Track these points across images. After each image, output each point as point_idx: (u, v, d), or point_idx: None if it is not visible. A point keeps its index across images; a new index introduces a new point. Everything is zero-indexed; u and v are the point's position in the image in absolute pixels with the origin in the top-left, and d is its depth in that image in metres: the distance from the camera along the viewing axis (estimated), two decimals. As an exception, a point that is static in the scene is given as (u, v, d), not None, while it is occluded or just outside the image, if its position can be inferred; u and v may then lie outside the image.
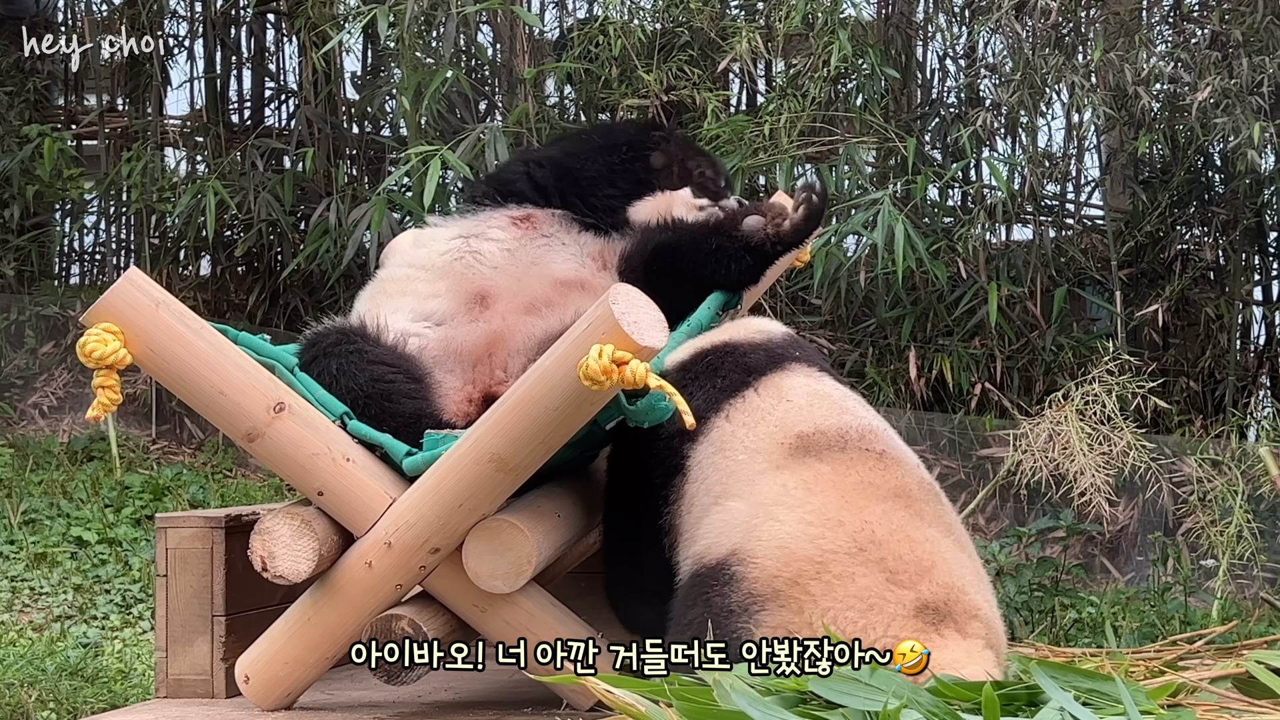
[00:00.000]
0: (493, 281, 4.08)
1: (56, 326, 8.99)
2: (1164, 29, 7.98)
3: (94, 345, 3.61)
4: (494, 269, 4.10)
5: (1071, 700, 2.90)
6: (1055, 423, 6.35)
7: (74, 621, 6.83)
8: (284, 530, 3.68)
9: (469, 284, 4.08)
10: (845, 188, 7.67)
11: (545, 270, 4.11)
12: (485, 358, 4.01)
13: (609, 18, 7.89)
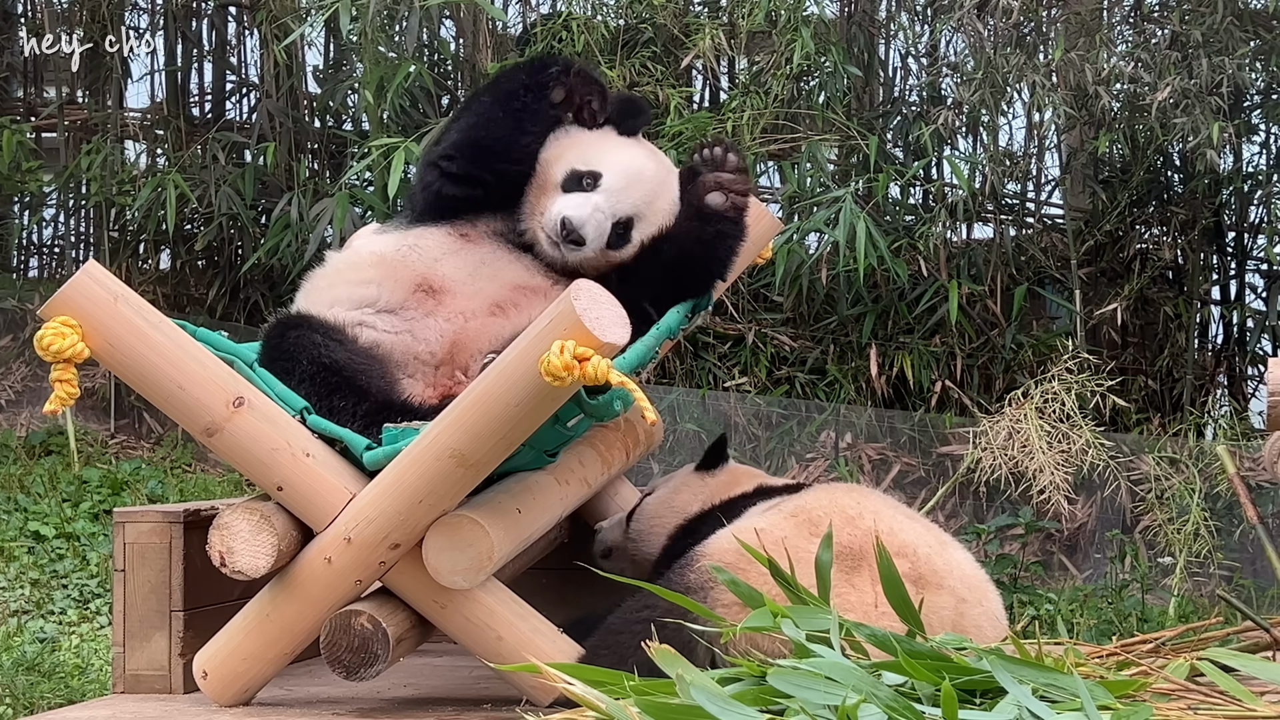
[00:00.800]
0: (437, 271, 4.03)
1: (14, 320, 8.94)
2: (1124, 29, 8.03)
3: (52, 339, 3.58)
4: (435, 260, 4.06)
5: (1029, 694, 2.91)
6: (1015, 421, 6.39)
7: (31, 616, 6.79)
8: (243, 525, 3.66)
9: (409, 270, 4.03)
10: (807, 185, 7.69)
11: (499, 271, 4.09)
12: (448, 359, 4.00)
13: (572, 13, 7.89)
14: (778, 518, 3.79)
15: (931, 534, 3.83)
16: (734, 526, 3.81)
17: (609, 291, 3.50)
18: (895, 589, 3.31)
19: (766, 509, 3.91)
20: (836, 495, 3.87)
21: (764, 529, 3.71)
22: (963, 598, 3.68)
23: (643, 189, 4.06)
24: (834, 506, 3.78)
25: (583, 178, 4.02)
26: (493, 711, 3.79)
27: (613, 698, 2.90)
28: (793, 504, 3.85)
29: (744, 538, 3.65)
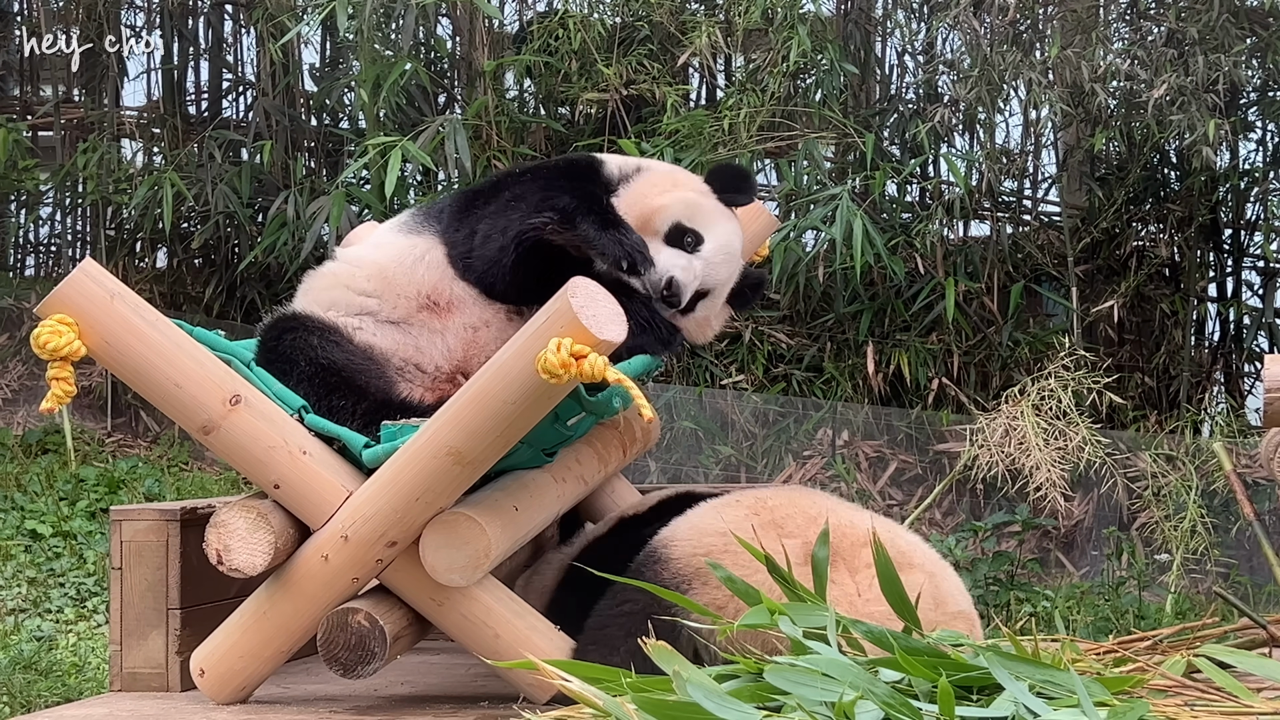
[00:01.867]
0: (446, 287, 4.01)
1: (11, 318, 8.94)
2: (1121, 27, 8.03)
3: (48, 337, 3.58)
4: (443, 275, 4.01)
5: (1026, 690, 2.92)
6: (1011, 418, 6.39)
7: (28, 615, 6.79)
8: (240, 523, 3.67)
9: (414, 286, 4.00)
10: (804, 183, 7.69)
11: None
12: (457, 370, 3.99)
13: (569, 11, 7.89)
14: (739, 514, 3.81)
15: (884, 522, 3.92)
16: (695, 523, 3.84)
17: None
18: (892, 586, 3.31)
19: (718, 506, 3.91)
20: (794, 496, 3.93)
21: (729, 524, 3.74)
22: (932, 572, 3.77)
23: (730, 268, 4.07)
24: (794, 507, 3.83)
25: (686, 234, 3.97)
26: (490, 709, 3.79)
27: (610, 694, 2.90)
28: (751, 500, 3.88)
29: (711, 540, 3.71)
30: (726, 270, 4.04)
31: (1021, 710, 2.87)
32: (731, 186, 4.12)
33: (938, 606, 3.63)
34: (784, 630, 3.17)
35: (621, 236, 3.83)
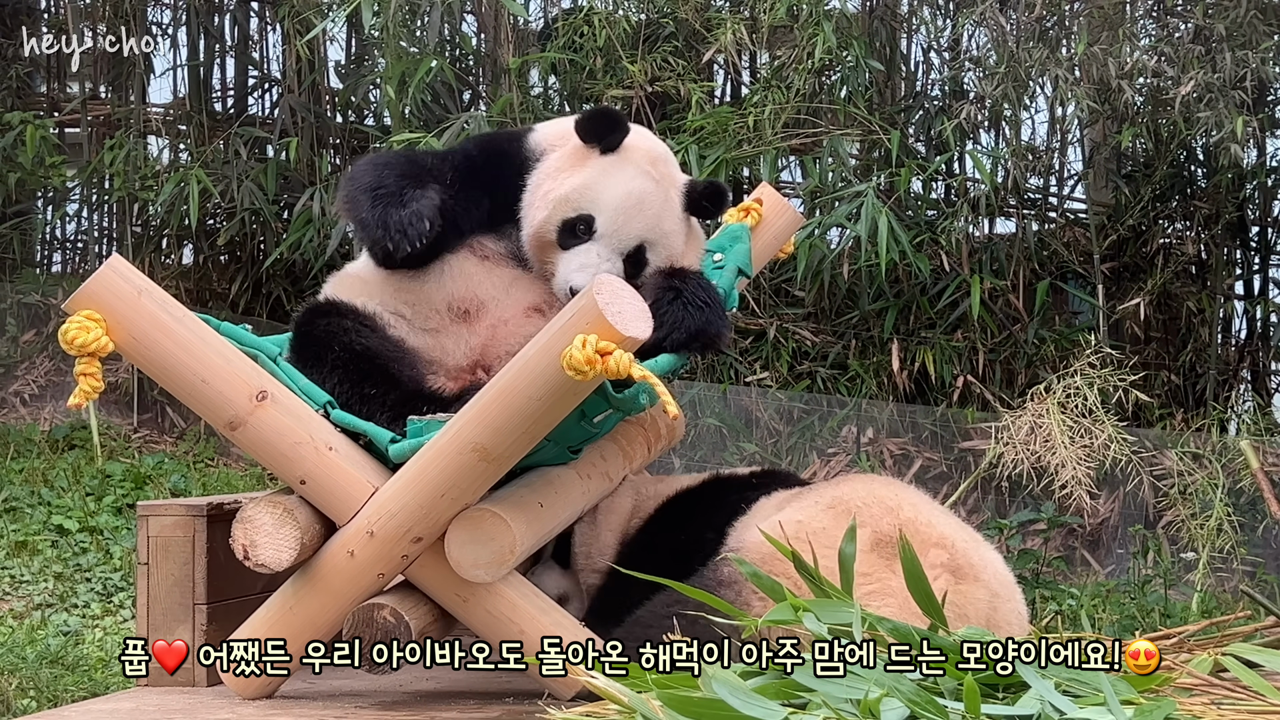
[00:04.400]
0: (469, 293, 4.03)
1: (38, 314, 8.97)
2: (1148, 23, 7.99)
3: (76, 333, 3.60)
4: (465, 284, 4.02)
5: (1052, 689, 2.91)
6: (1037, 416, 6.37)
7: (55, 610, 6.82)
8: (266, 519, 3.68)
9: (440, 293, 4.02)
10: (829, 180, 7.68)
11: (532, 284, 4.07)
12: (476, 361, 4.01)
13: (594, 8, 7.88)
14: (815, 509, 3.82)
15: (966, 531, 3.90)
16: (769, 520, 3.85)
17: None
18: (918, 582, 3.30)
19: (793, 498, 3.93)
20: (874, 486, 3.93)
21: (802, 520, 3.74)
22: (996, 592, 3.74)
23: (643, 215, 3.98)
24: (872, 497, 3.85)
25: (576, 228, 3.94)
26: (514, 705, 3.80)
27: (635, 691, 2.90)
28: (830, 494, 3.90)
29: (786, 529, 3.70)
30: (640, 219, 3.96)
31: (1047, 708, 2.87)
32: (601, 131, 3.99)
33: (990, 629, 3.60)
34: (808, 627, 3.17)
35: (388, 214, 3.79)
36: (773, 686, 2.95)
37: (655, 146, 4.12)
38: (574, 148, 4.00)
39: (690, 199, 4.07)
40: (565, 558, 4.42)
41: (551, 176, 3.98)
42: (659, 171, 4.05)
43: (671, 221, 4.03)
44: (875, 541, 3.64)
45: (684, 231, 4.08)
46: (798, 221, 4.87)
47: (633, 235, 3.95)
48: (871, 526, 3.71)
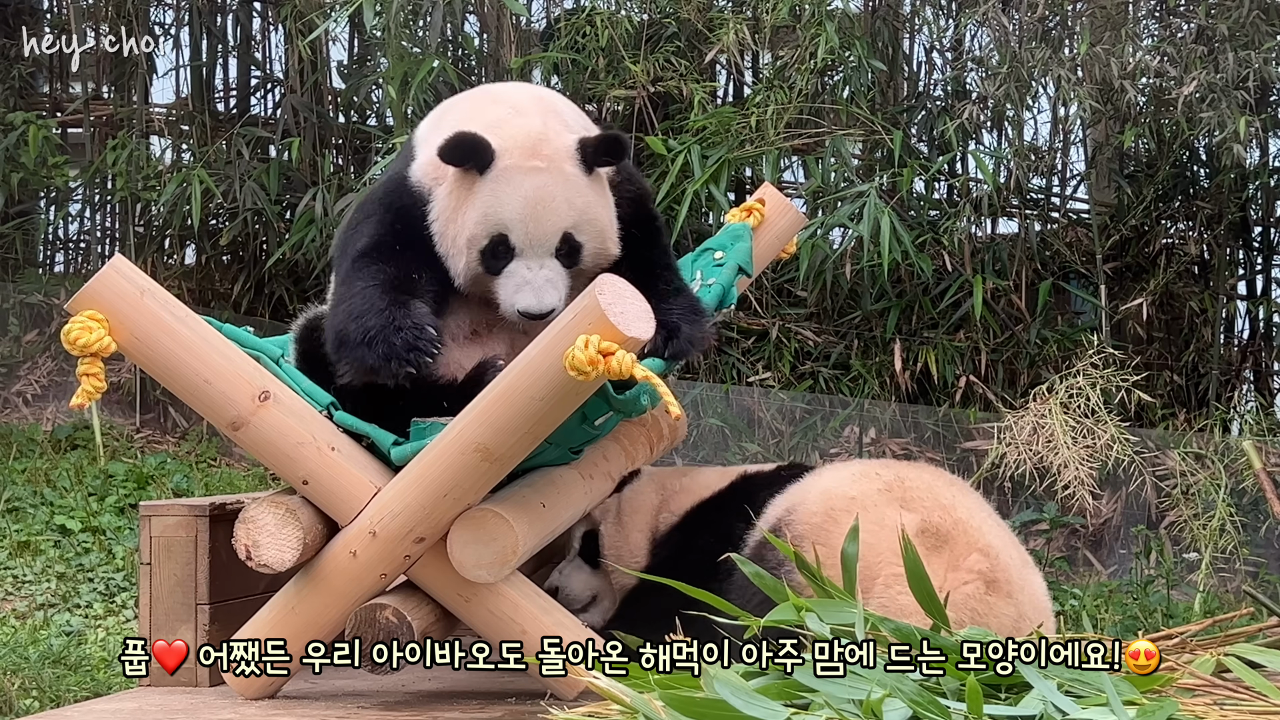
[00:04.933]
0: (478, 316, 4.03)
1: (40, 314, 8.97)
2: (1150, 23, 7.99)
3: (79, 333, 3.60)
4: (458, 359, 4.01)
5: (1054, 689, 2.91)
6: (1039, 416, 6.36)
7: (57, 610, 6.82)
8: (268, 519, 3.68)
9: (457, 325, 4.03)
10: (831, 180, 7.67)
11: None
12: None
13: (596, 8, 7.88)
14: (870, 486, 3.84)
15: (1017, 550, 3.89)
16: (828, 486, 3.89)
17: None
18: (921, 584, 3.30)
19: (856, 475, 3.94)
20: (937, 481, 3.94)
21: (855, 497, 3.77)
22: (1024, 614, 3.71)
23: (551, 215, 3.87)
24: (930, 489, 3.87)
25: (495, 256, 3.86)
26: (517, 705, 3.80)
27: (637, 692, 2.90)
28: (891, 474, 3.92)
29: (835, 502, 3.75)
30: (550, 215, 3.87)
31: (1050, 709, 2.86)
32: (467, 159, 3.86)
33: None
34: (811, 627, 3.17)
35: (391, 349, 3.69)
36: (775, 687, 2.95)
37: (527, 130, 3.93)
38: (455, 176, 3.90)
39: (587, 161, 3.92)
40: (593, 557, 4.41)
41: (451, 220, 3.89)
42: (544, 156, 3.91)
43: (580, 195, 3.92)
44: (922, 529, 3.66)
45: (597, 192, 3.96)
46: (800, 222, 4.87)
47: (551, 233, 3.87)
48: (923, 515, 3.73)
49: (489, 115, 3.95)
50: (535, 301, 3.81)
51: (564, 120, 4.02)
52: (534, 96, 4.10)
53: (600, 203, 3.94)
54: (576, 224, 3.90)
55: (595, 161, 3.93)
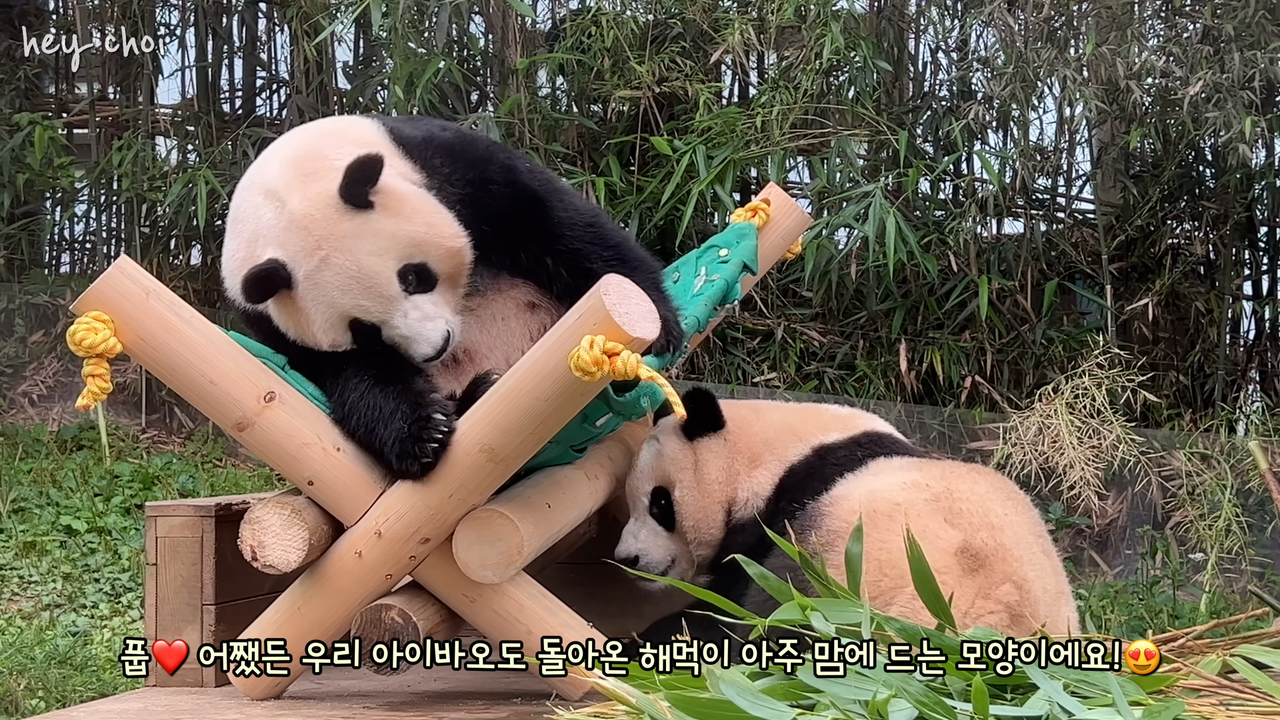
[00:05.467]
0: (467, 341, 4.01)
1: (46, 315, 8.98)
2: (1156, 23, 7.98)
3: (84, 334, 3.60)
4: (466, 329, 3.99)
5: (1061, 690, 2.91)
6: (1045, 416, 6.37)
7: (63, 610, 6.83)
8: (274, 519, 3.68)
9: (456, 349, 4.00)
10: (837, 180, 7.67)
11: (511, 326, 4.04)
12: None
13: (601, 9, 7.88)
14: (918, 497, 3.74)
15: (1054, 580, 3.80)
16: (875, 488, 3.78)
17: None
18: (926, 583, 3.30)
19: (907, 484, 3.82)
20: (991, 497, 3.81)
21: (899, 504, 3.70)
22: (1031, 607, 3.66)
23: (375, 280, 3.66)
24: (981, 506, 3.75)
25: (361, 331, 3.70)
26: (522, 705, 3.80)
27: (643, 692, 2.90)
28: (941, 485, 3.79)
29: (878, 505, 3.66)
30: (374, 283, 3.65)
31: (1056, 709, 2.86)
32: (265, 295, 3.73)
33: None
34: (816, 626, 3.16)
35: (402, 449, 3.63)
36: (781, 687, 2.95)
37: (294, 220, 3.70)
38: (273, 303, 3.80)
39: (356, 204, 3.68)
40: (668, 518, 4.25)
41: (305, 333, 3.78)
42: (321, 241, 3.67)
43: (377, 237, 3.67)
44: (962, 548, 3.59)
45: (393, 214, 3.69)
46: (805, 222, 4.87)
47: (386, 296, 3.68)
48: (966, 534, 3.64)
49: (262, 220, 3.75)
50: (428, 349, 3.71)
51: (319, 167, 3.74)
52: (289, 163, 3.81)
53: (403, 221, 3.70)
54: (400, 258, 3.70)
55: (358, 200, 3.68)
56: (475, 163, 3.93)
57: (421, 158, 3.85)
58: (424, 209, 3.75)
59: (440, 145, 3.91)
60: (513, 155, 4.11)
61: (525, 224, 3.91)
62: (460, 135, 4.07)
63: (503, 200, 3.89)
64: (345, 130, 3.91)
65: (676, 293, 4.29)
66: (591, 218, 4.03)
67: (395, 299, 3.70)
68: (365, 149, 3.71)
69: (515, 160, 4.06)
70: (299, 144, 3.88)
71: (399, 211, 3.71)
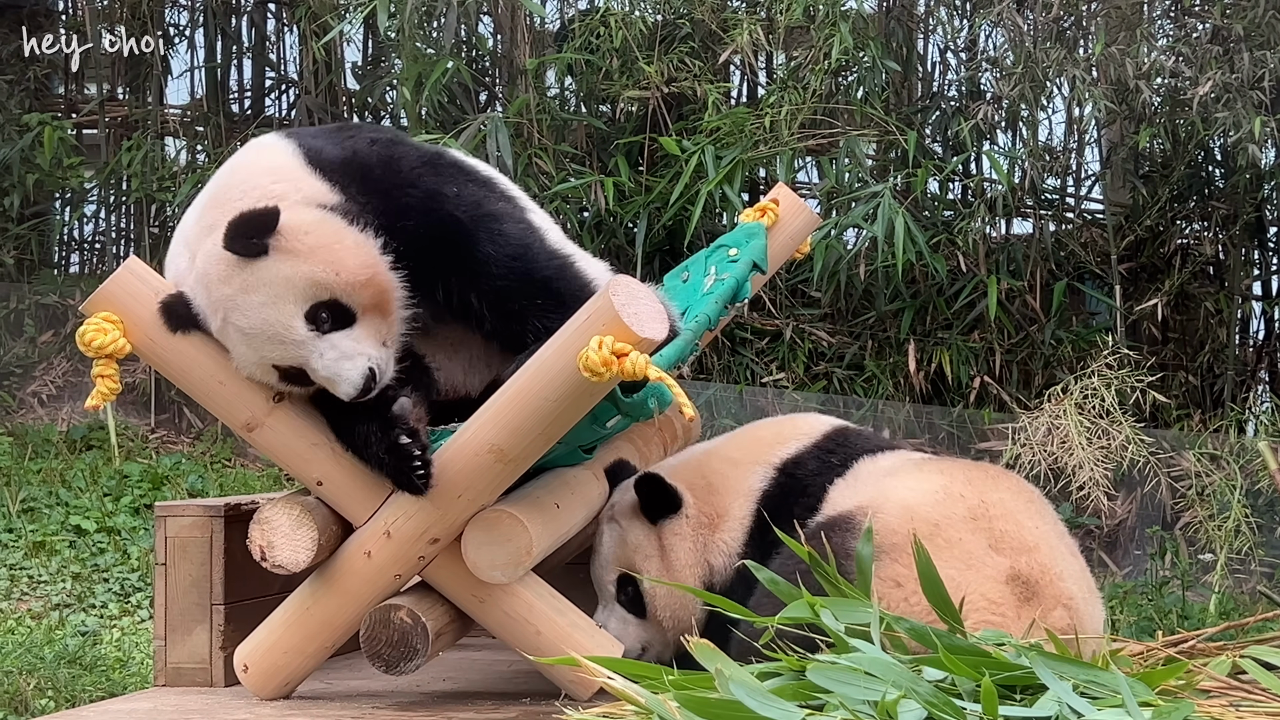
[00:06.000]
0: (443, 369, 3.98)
1: (56, 315, 9.00)
2: (1165, 23, 7.98)
3: (93, 334, 3.60)
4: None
5: (1070, 690, 2.90)
6: (1054, 416, 6.36)
7: (72, 610, 6.84)
8: (283, 520, 3.68)
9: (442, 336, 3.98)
10: (846, 180, 7.67)
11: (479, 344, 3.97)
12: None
13: (610, 9, 7.89)
14: (955, 513, 3.65)
15: (1086, 581, 3.75)
16: (909, 501, 3.65)
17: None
18: (933, 586, 3.29)
19: (939, 495, 3.70)
20: (1016, 505, 3.73)
21: (939, 525, 3.60)
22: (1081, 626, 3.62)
23: (277, 325, 3.51)
24: (1014, 523, 3.67)
25: (287, 374, 3.60)
26: (531, 705, 3.80)
27: (652, 692, 2.90)
28: (974, 500, 3.68)
29: (919, 526, 3.55)
30: (277, 329, 3.52)
31: (1065, 710, 2.85)
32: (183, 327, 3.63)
33: None
34: (826, 626, 3.16)
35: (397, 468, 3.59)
36: (790, 687, 2.95)
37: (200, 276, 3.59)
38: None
39: (250, 253, 3.51)
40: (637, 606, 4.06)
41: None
42: (226, 286, 3.54)
43: (279, 282, 3.51)
44: (1012, 576, 3.53)
45: (291, 254, 3.50)
46: (814, 222, 4.86)
47: (293, 339, 3.54)
48: (1011, 560, 3.57)
49: (180, 269, 3.68)
50: (349, 388, 3.54)
51: (219, 216, 3.56)
52: (200, 208, 3.68)
53: (300, 261, 3.51)
54: (304, 300, 3.53)
55: (248, 251, 3.50)
56: (393, 189, 3.69)
57: (339, 180, 3.65)
58: (327, 242, 3.53)
59: (358, 167, 3.69)
60: (443, 179, 3.77)
61: (445, 258, 3.67)
62: (386, 155, 3.75)
63: (420, 231, 3.65)
64: (256, 160, 3.72)
65: (687, 291, 4.29)
66: (518, 249, 3.73)
67: (304, 342, 3.52)
68: (274, 179, 3.58)
69: (443, 185, 3.74)
70: (212, 186, 3.72)
71: (296, 251, 3.50)
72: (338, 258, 3.52)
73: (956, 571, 3.48)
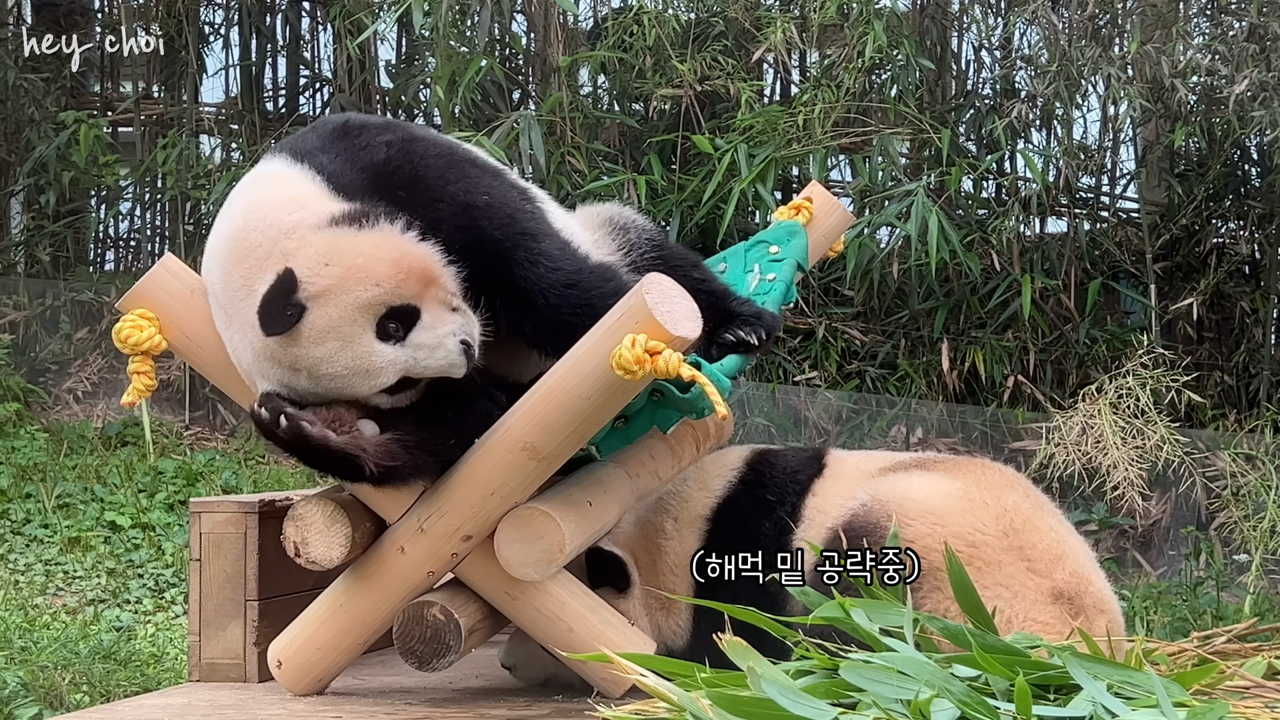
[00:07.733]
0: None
1: (91, 312, 9.04)
2: (1201, 21, 7.94)
3: (129, 331, 3.62)
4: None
5: (1104, 690, 2.89)
6: (1088, 416, 6.34)
7: (107, 605, 6.87)
8: (317, 516, 3.69)
9: None
10: (879, 179, 7.66)
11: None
12: None
13: (644, 7, 7.89)
14: (983, 525, 3.62)
15: (1089, 558, 3.74)
16: (939, 510, 3.62)
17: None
18: (966, 594, 3.27)
19: (975, 506, 3.65)
20: (1034, 515, 3.69)
21: (975, 545, 3.58)
22: (1116, 623, 3.64)
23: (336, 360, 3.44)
24: (1035, 531, 3.64)
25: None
26: (564, 702, 3.80)
27: (684, 690, 2.90)
28: (998, 504, 3.66)
29: (953, 543, 3.50)
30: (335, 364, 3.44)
31: (1099, 710, 2.84)
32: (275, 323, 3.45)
33: None
34: (858, 626, 3.15)
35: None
36: (822, 686, 2.94)
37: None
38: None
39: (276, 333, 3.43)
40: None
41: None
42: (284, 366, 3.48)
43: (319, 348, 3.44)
44: (1055, 595, 3.53)
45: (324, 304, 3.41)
46: (847, 220, 4.86)
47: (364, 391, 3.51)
48: (1049, 578, 3.55)
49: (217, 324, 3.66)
50: (458, 370, 3.50)
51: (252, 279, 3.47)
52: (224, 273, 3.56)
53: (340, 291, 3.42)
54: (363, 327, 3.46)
55: (290, 325, 3.41)
56: (421, 206, 3.54)
57: (361, 195, 3.53)
58: (348, 262, 3.42)
59: (381, 179, 3.57)
60: (472, 189, 3.62)
61: (487, 279, 3.57)
62: (406, 163, 3.62)
63: (455, 246, 3.52)
64: (269, 195, 3.56)
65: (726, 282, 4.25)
66: (572, 276, 3.59)
67: (395, 359, 3.47)
68: (290, 210, 3.48)
69: (474, 196, 3.60)
70: (227, 229, 3.56)
71: (328, 289, 3.41)
72: (367, 271, 3.42)
73: (1004, 602, 3.48)
